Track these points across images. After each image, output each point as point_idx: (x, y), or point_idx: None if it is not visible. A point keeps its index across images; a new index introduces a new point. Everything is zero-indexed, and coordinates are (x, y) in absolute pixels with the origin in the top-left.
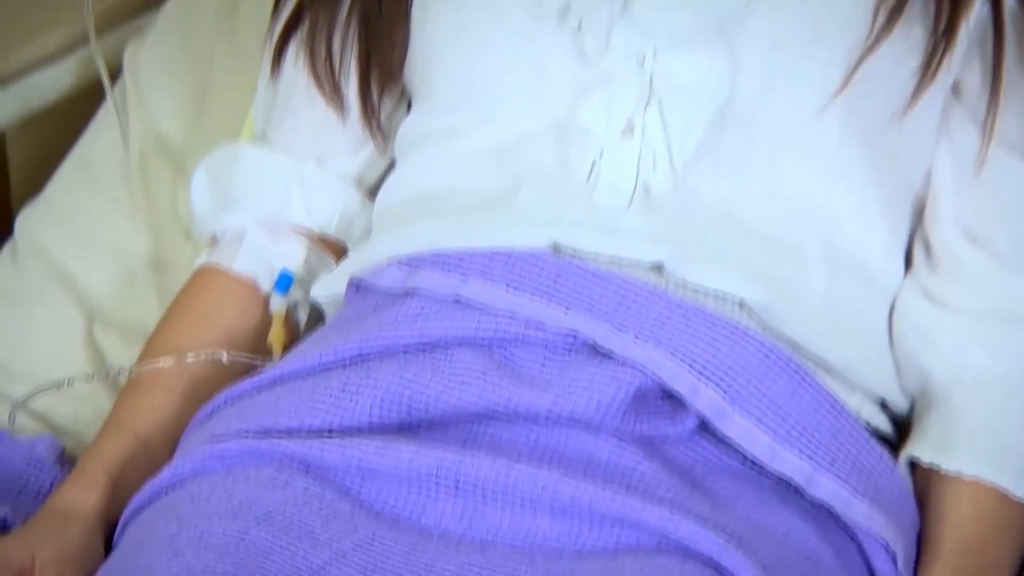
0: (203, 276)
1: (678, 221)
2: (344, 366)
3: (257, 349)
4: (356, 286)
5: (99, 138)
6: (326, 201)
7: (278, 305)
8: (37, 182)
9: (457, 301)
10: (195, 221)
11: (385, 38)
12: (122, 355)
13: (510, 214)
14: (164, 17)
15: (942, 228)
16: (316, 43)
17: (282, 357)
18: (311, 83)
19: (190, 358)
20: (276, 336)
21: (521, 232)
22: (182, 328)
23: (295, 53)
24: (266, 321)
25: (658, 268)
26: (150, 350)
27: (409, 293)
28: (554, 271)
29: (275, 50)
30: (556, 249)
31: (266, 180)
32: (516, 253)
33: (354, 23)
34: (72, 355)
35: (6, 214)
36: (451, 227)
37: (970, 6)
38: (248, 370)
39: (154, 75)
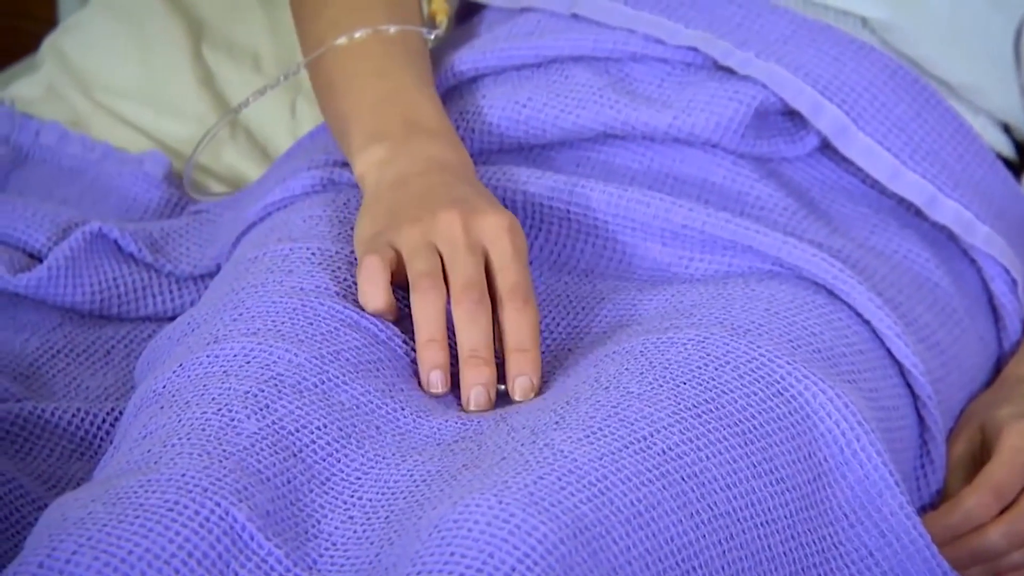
0: None
1: None
2: (457, 89)
3: (415, 16)
4: (469, 2)
5: None
6: None
7: None
8: None
9: (574, 16)
10: None
11: None
12: (230, 74)
13: None
14: None
15: None
16: None
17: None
18: None
19: (359, 34)
20: (439, 5)
21: None
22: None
23: None
24: None
25: None
26: (314, 36)
27: (524, 8)
28: None
29: None
30: None
31: None
32: None
33: None
34: (180, 75)
35: None
36: None
37: None
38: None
39: None
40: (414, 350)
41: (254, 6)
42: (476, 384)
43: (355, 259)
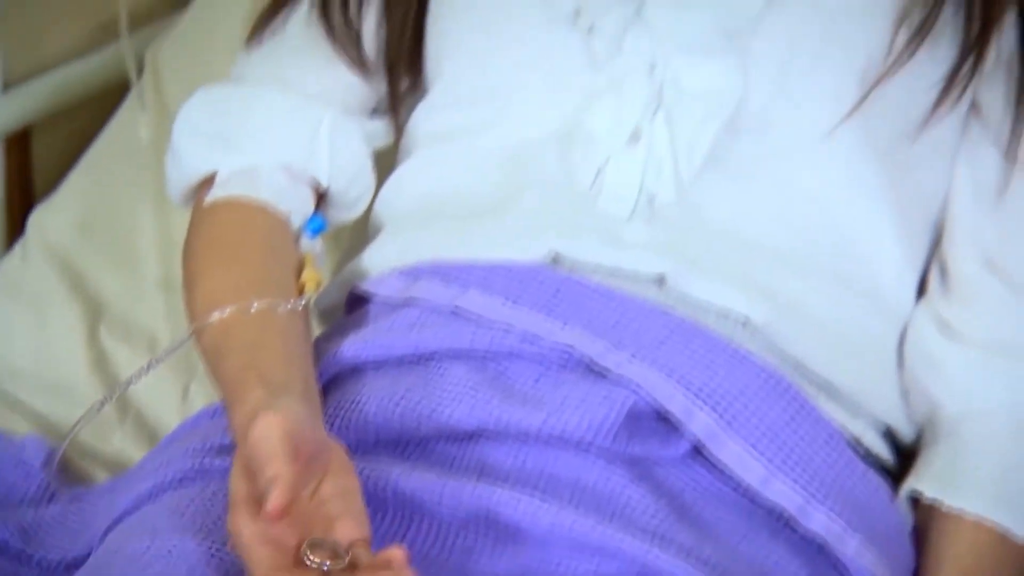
0: (223, 211)
1: (682, 233)
2: (337, 379)
3: (289, 288)
4: (356, 295)
5: (117, 137)
6: (349, 158)
7: (309, 244)
8: (60, 180)
9: (454, 312)
10: (180, 163)
11: (400, 25)
12: (124, 358)
13: (512, 222)
14: (190, 16)
15: (960, 252)
16: (330, 7)
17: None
18: (329, 42)
19: (228, 311)
20: (311, 276)
21: (522, 242)
22: (227, 272)
23: (303, 17)
24: (296, 258)
25: (660, 280)
26: (204, 302)
27: (407, 302)
28: (554, 285)
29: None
30: (557, 259)
31: (285, 123)
32: (516, 266)
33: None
34: (74, 355)
35: (30, 211)
36: (453, 236)
37: (1001, 24)
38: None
39: (175, 73)
40: None
41: (154, 289)
42: None
43: (213, 553)
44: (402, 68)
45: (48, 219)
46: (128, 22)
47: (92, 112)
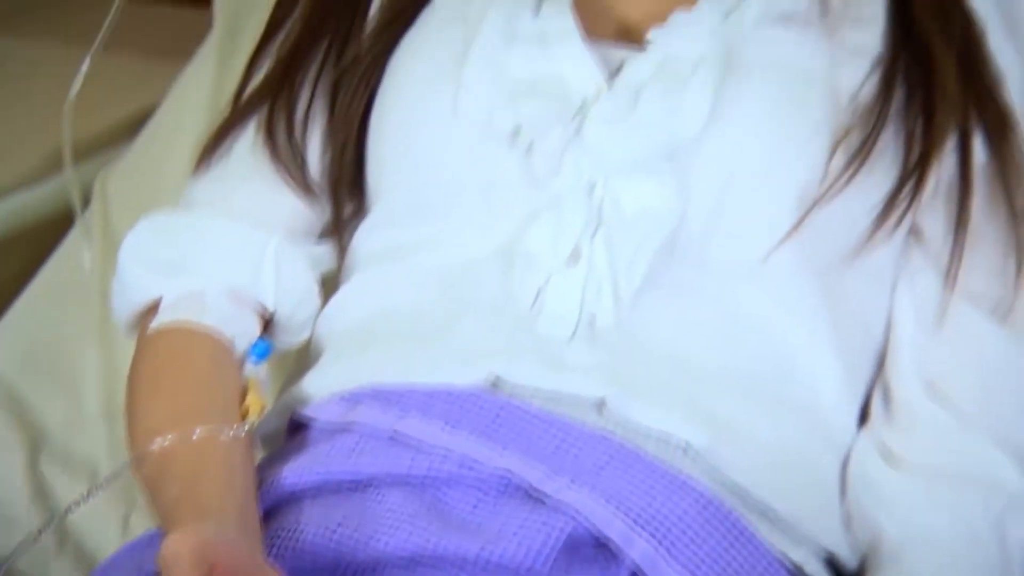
0: (168, 337)
1: (622, 355)
2: (276, 506)
3: (232, 414)
4: (295, 420)
5: (63, 266)
6: (295, 283)
7: (254, 370)
8: (5, 308)
9: (393, 437)
10: (125, 289)
11: (342, 147)
12: (65, 487)
13: (452, 345)
14: (140, 144)
15: (902, 378)
16: (276, 131)
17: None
18: (274, 167)
19: (168, 440)
20: (254, 401)
21: (462, 365)
22: (169, 400)
23: (249, 143)
24: (240, 384)
25: (600, 405)
26: (144, 430)
27: (346, 428)
28: (493, 410)
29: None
30: (497, 383)
31: (230, 249)
32: (456, 390)
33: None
34: (13, 484)
35: None
36: (393, 360)
37: (941, 150)
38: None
39: (124, 202)
40: None
41: (96, 418)
42: None
43: None
44: (345, 191)
45: None
46: (75, 152)
47: (39, 241)
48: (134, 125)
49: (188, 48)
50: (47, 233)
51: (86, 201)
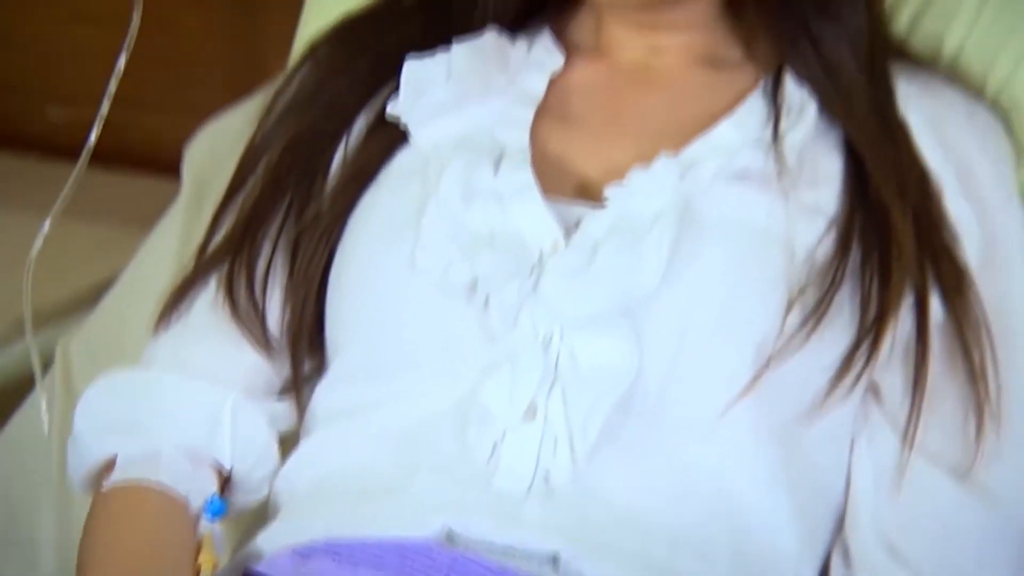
0: (121, 496)
1: (577, 512)
2: None
3: (185, 573)
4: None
5: (21, 430)
6: (253, 441)
7: (209, 527)
8: None
9: None
10: (80, 448)
11: (302, 305)
12: None
13: (407, 501)
14: (102, 309)
15: (861, 536)
16: (236, 288)
17: None
18: (234, 324)
19: None
20: (207, 559)
21: (415, 519)
22: (123, 560)
23: (209, 300)
24: (194, 542)
25: (554, 560)
26: None
27: None
28: (446, 564)
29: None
30: (451, 536)
31: (187, 406)
32: (409, 544)
33: (277, 270)
34: None
35: None
36: (347, 515)
37: (897, 310)
38: None
39: (86, 366)
40: None
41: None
42: None
43: None
44: (305, 348)
45: None
46: (36, 319)
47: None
48: (95, 293)
49: (149, 216)
50: (9, 396)
51: (47, 366)
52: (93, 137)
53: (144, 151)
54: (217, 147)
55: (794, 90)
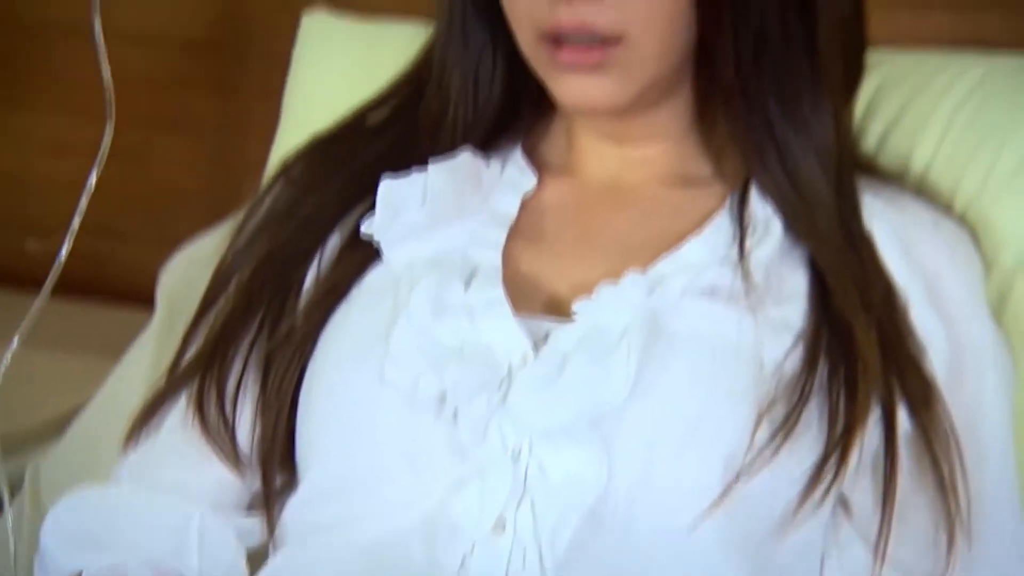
0: None
1: None
2: None
3: None
4: None
5: None
6: (220, 557)
7: None
8: None
9: None
10: (47, 564)
11: (273, 423)
12: None
13: None
14: (72, 434)
15: None
16: (206, 404)
17: None
18: (203, 440)
19: None
20: None
21: None
22: None
23: (180, 416)
24: None
25: None
26: None
27: None
28: None
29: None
30: None
31: (154, 522)
32: None
33: (248, 387)
34: None
35: None
36: None
37: (865, 424)
38: None
39: (56, 489)
40: None
41: None
42: None
43: None
44: (275, 465)
45: None
46: (5, 445)
47: None
48: (65, 421)
49: (117, 345)
50: None
51: (15, 492)
52: (60, 261)
53: (121, 283)
54: (191, 271)
55: (759, 207)
